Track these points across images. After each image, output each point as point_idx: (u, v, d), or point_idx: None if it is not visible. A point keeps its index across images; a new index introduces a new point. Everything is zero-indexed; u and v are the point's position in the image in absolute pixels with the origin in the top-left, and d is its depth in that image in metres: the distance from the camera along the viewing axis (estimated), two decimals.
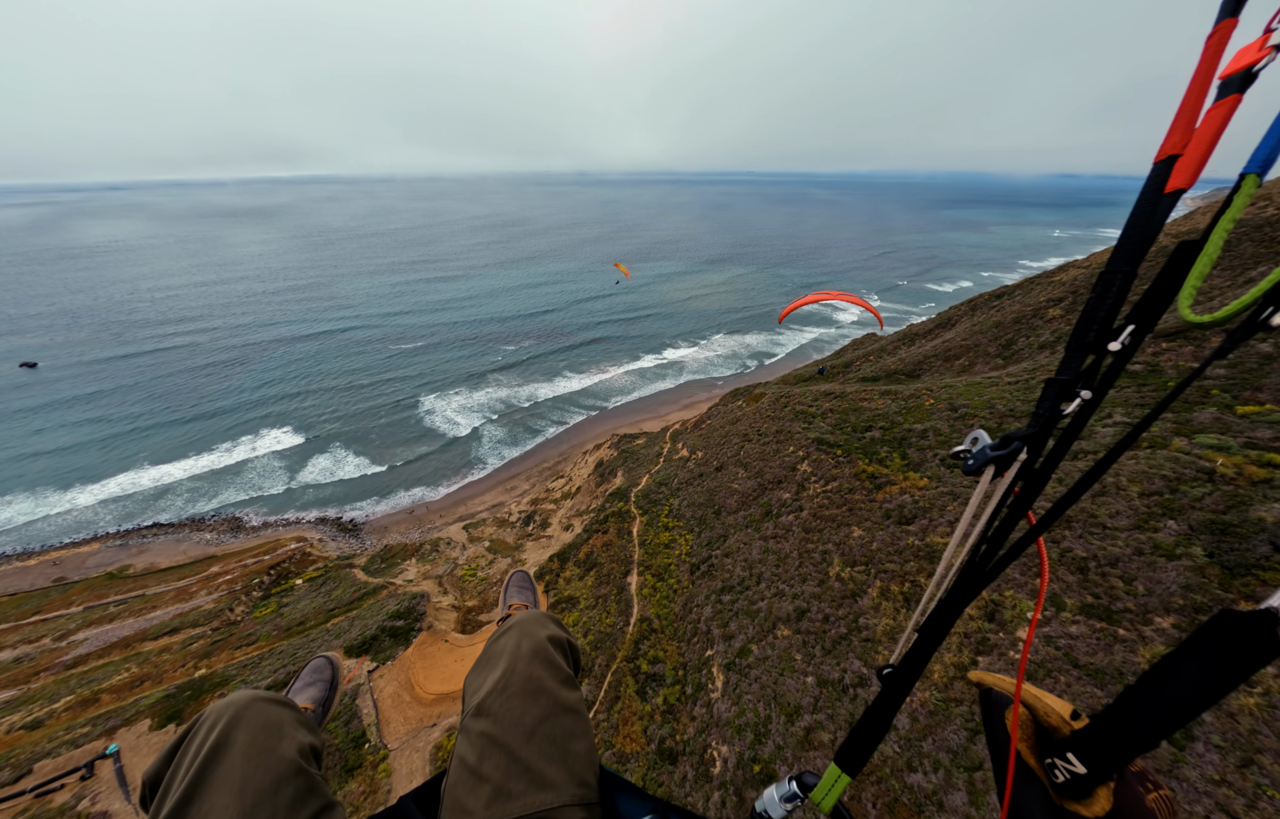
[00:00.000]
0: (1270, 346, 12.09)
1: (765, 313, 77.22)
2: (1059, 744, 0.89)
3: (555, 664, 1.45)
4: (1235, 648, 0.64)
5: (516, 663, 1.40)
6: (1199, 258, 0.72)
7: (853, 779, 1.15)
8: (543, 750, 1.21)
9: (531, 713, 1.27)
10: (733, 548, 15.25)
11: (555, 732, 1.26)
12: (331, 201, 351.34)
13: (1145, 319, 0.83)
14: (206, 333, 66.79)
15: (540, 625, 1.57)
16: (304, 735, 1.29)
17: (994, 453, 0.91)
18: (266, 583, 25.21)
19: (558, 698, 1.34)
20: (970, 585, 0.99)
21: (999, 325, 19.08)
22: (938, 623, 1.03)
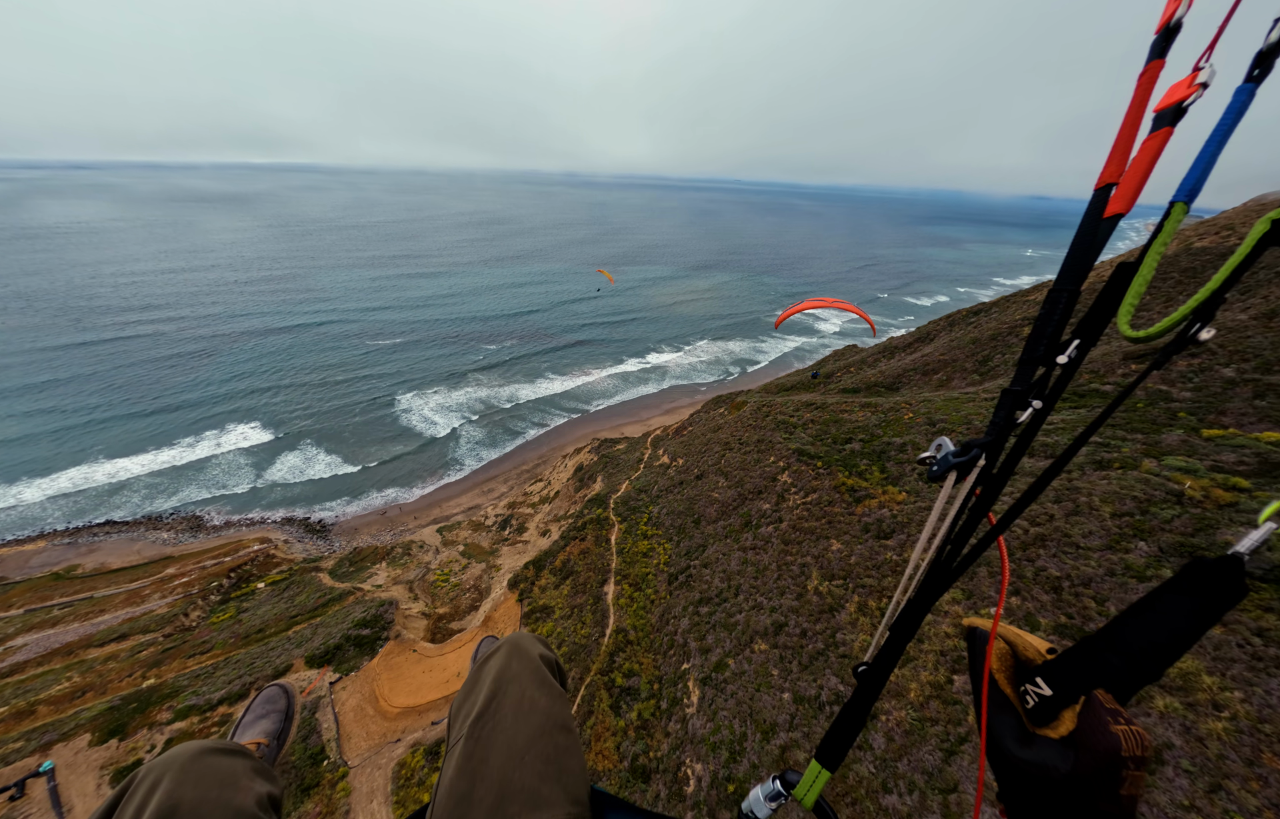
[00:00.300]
0: (1233, 372, 12.47)
1: (749, 320, 77.80)
2: (1032, 672, 0.96)
3: (547, 681, 1.44)
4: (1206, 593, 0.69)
5: (507, 682, 1.38)
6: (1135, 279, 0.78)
7: (832, 774, 1.20)
8: (537, 769, 1.18)
9: (524, 732, 1.25)
10: (712, 558, 15.06)
11: (549, 749, 1.23)
12: (312, 191, 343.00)
13: (1089, 334, 0.88)
14: (173, 322, 64.18)
15: (530, 644, 1.56)
16: (261, 785, 1.21)
17: (956, 459, 0.95)
18: (226, 586, 24.10)
19: (550, 715, 1.33)
20: (937, 584, 1.02)
21: (976, 342, 19.39)
22: (907, 621, 1.06)
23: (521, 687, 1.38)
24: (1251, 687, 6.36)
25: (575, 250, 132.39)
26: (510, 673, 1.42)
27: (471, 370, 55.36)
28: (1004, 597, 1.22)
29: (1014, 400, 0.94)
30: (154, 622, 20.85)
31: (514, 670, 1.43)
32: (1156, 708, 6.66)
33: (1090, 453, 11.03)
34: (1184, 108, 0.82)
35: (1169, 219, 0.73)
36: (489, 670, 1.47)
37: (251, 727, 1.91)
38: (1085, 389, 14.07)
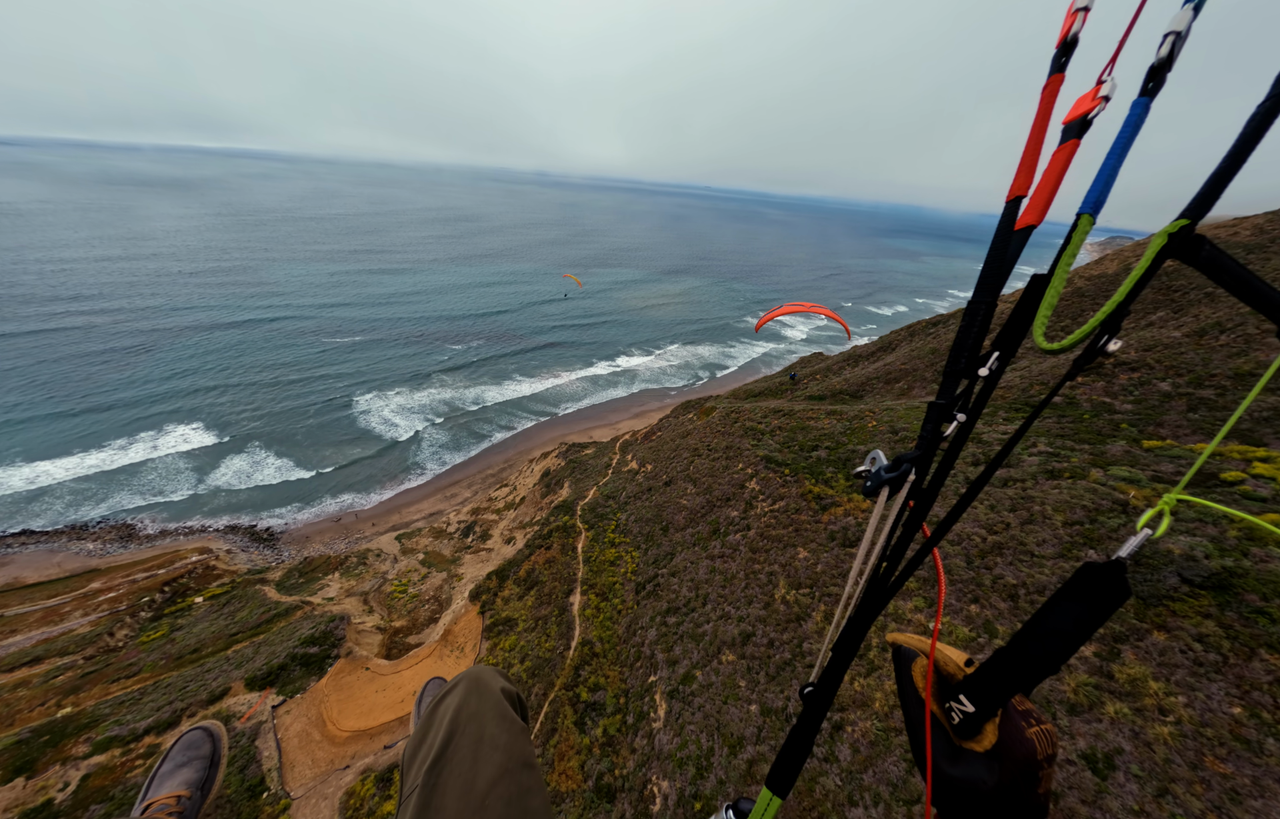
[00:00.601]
0: (1169, 386, 13.23)
1: (719, 326, 78.64)
2: (954, 688, 0.97)
3: (508, 717, 1.38)
4: (1095, 595, 0.75)
5: (465, 721, 1.32)
6: (1047, 290, 0.80)
7: (783, 800, 1.18)
8: (499, 813, 1.13)
9: (484, 775, 1.20)
10: (680, 567, 14.89)
11: (511, 790, 1.19)
12: (266, 179, 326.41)
13: (1007, 346, 0.90)
14: (106, 314, 59.52)
15: (491, 678, 1.50)
16: None
17: (887, 475, 0.96)
18: (159, 601, 22.31)
19: (511, 753, 1.27)
20: (876, 599, 1.03)
21: (935, 352, 20.03)
22: (849, 639, 1.06)
23: (481, 725, 1.32)
24: (1194, 691, 6.60)
25: (546, 251, 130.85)
26: (468, 711, 1.36)
27: (436, 371, 53.67)
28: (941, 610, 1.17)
29: (939, 414, 0.95)
30: (74, 643, 19.03)
31: (472, 708, 1.37)
32: (1108, 714, 6.84)
33: (1042, 462, 11.44)
34: (1089, 120, 0.84)
35: (1076, 231, 0.75)
36: (445, 709, 1.39)
37: (170, 777, 1.73)
38: (1036, 400, 14.67)
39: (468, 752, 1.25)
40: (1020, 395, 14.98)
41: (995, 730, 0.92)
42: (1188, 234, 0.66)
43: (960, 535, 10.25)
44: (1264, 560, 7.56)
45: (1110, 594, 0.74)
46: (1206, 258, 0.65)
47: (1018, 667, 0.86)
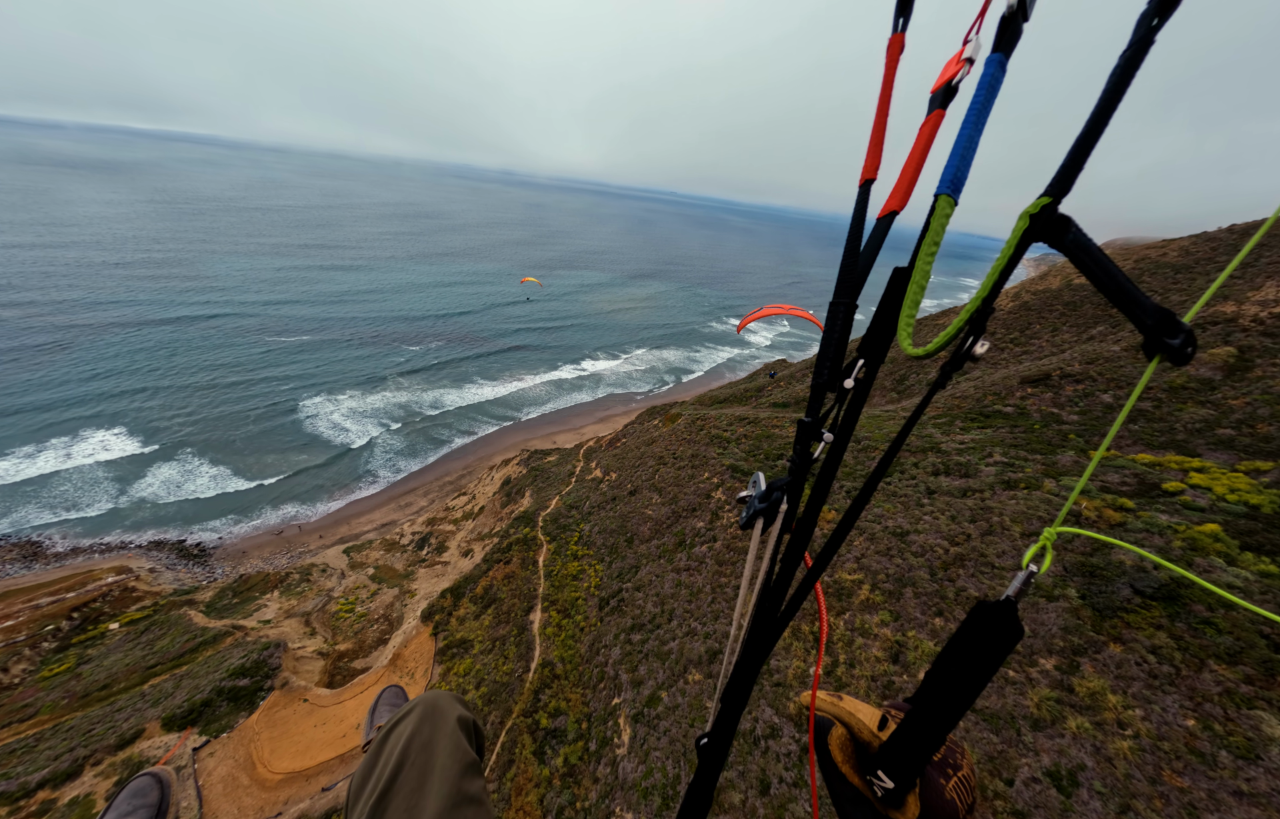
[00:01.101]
0: (1110, 398, 13.89)
1: (685, 331, 79.02)
2: (872, 760, 0.91)
3: (461, 749, 1.31)
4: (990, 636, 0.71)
5: (415, 751, 1.27)
6: (909, 286, 0.72)
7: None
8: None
9: (430, 810, 1.14)
10: (645, 580, 14.44)
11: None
12: (206, 165, 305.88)
13: (873, 352, 0.82)
14: (15, 307, 53.78)
15: (448, 705, 1.42)
16: None
17: (760, 505, 0.91)
18: (65, 630, 19.98)
19: (458, 789, 1.21)
20: (763, 641, 0.97)
21: (893, 362, 20.49)
22: (739, 685, 0.99)
23: (430, 756, 1.27)
24: (1150, 704, 6.68)
25: (511, 251, 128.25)
26: (420, 741, 1.30)
27: (392, 373, 51.29)
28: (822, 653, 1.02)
29: (808, 433, 0.88)
30: None
31: (425, 737, 1.31)
32: (1070, 728, 6.84)
33: (998, 473, 11.69)
34: (954, 86, 0.78)
35: (934, 215, 0.68)
36: (398, 737, 1.33)
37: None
38: (990, 410, 15.13)
39: (415, 785, 1.20)
40: (975, 405, 15.42)
41: (917, 801, 0.86)
42: (1050, 215, 0.58)
43: (923, 547, 10.29)
44: (1208, 570, 7.83)
45: (1004, 634, 0.70)
46: (1072, 242, 0.57)
47: (926, 729, 0.79)
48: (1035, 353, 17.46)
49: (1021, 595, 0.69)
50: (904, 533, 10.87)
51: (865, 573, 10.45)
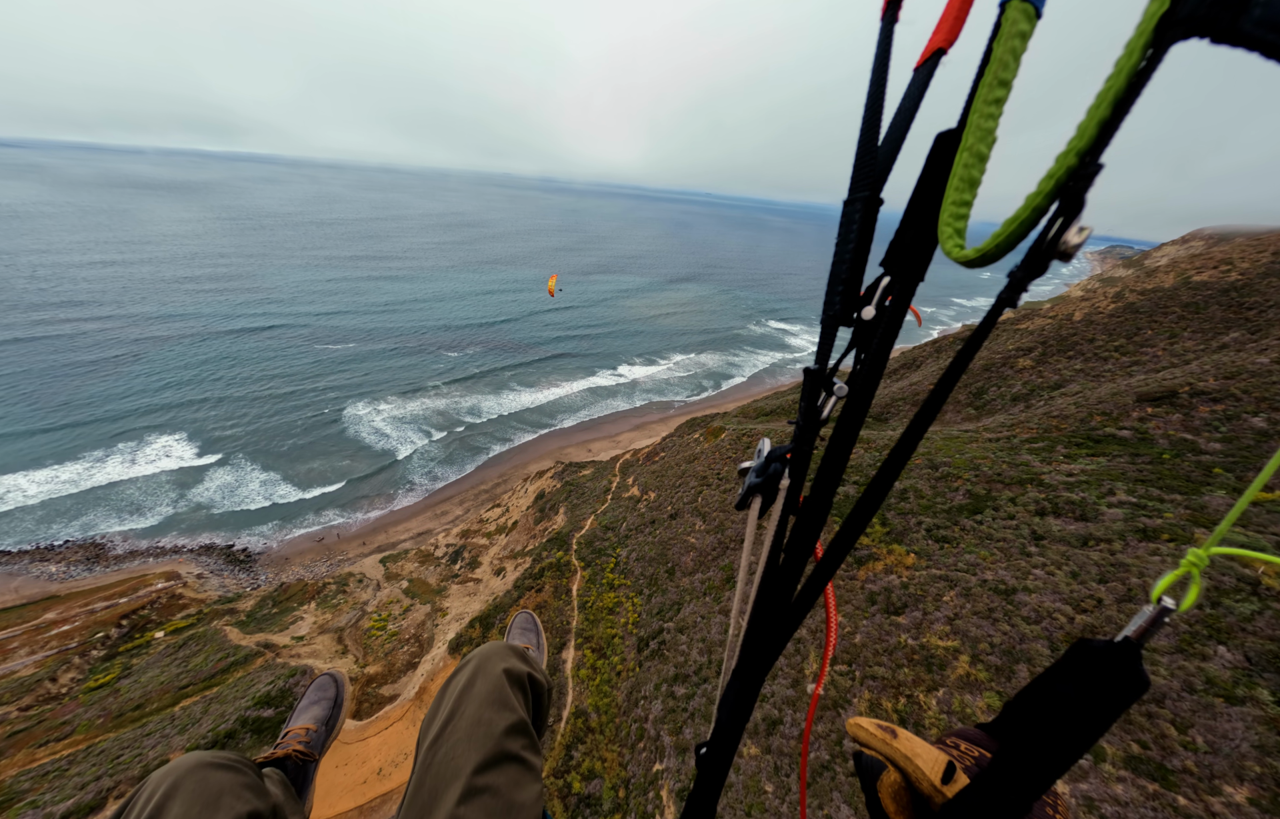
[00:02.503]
0: (1263, 422, 11.29)
1: (725, 335, 76.86)
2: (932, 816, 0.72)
3: (507, 702, 1.33)
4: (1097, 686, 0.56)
5: (466, 702, 1.30)
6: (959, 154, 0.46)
7: None
8: (484, 806, 1.08)
9: (471, 760, 1.15)
10: (689, 621, 12.94)
11: (498, 782, 1.14)
12: (269, 183, 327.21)
13: (904, 265, 0.62)
14: (96, 320, 58.01)
15: (498, 659, 1.43)
16: (244, 804, 1.16)
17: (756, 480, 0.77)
18: (114, 637, 20.40)
19: (499, 745, 1.21)
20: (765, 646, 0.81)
21: (968, 372, 18.13)
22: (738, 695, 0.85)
23: (478, 707, 1.28)
24: None
25: (549, 258, 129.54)
26: (471, 692, 1.32)
27: (431, 380, 51.96)
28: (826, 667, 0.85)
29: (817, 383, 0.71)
30: (12, 689, 17.11)
31: (475, 689, 1.33)
32: None
33: (1128, 517, 9.50)
34: None
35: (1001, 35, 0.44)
36: (454, 687, 1.37)
37: (305, 712, 1.95)
38: (1100, 433, 12.74)
39: (462, 735, 1.21)
40: (1079, 427, 13.05)
41: None
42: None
43: (1038, 612, 8.33)
44: None
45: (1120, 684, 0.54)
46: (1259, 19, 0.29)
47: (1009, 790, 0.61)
48: (1149, 364, 14.78)
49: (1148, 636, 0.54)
50: (1009, 590, 8.92)
51: (962, 640, 8.58)
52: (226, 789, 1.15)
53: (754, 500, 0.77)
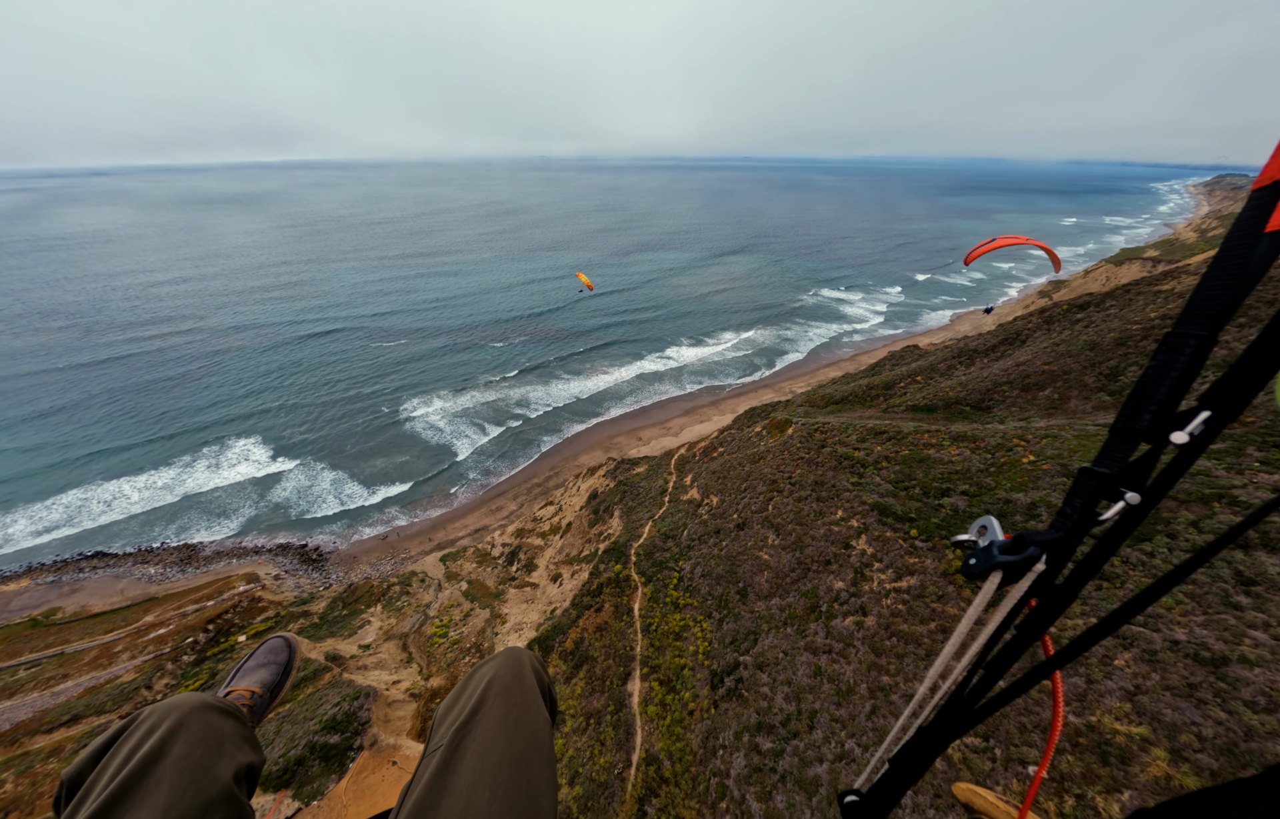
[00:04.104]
0: None
1: (776, 310, 73.03)
2: None
3: (535, 705, 1.34)
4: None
5: (495, 695, 1.31)
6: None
7: None
8: (508, 797, 1.08)
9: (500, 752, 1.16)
10: (768, 655, 11.45)
11: (524, 780, 1.14)
12: (322, 187, 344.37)
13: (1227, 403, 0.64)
14: (179, 335, 62.68)
15: (525, 660, 1.47)
16: (244, 755, 1.20)
17: (1003, 556, 0.75)
18: (202, 642, 21.48)
19: (533, 743, 1.24)
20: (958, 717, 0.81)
21: (1095, 348, 15.14)
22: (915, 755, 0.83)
23: (509, 702, 1.29)
24: None
25: (590, 240, 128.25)
26: (500, 686, 1.33)
27: (482, 374, 52.47)
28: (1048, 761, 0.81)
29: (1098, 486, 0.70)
30: (113, 696, 18.25)
31: (504, 683, 1.34)
32: None
33: None
34: None
35: None
36: (480, 677, 1.38)
37: (251, 673, 1.88)
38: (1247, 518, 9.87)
39: (491, 727, 1.22)
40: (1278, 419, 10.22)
41: None
42: None
43: (1266, 694, 6.21)
44: None
45: None
46: None
47: None
48: None
49: None
50: (1217, 659, 6.77)
51: (1153, 725, 6.57)
52: (228, 736, 1.16)
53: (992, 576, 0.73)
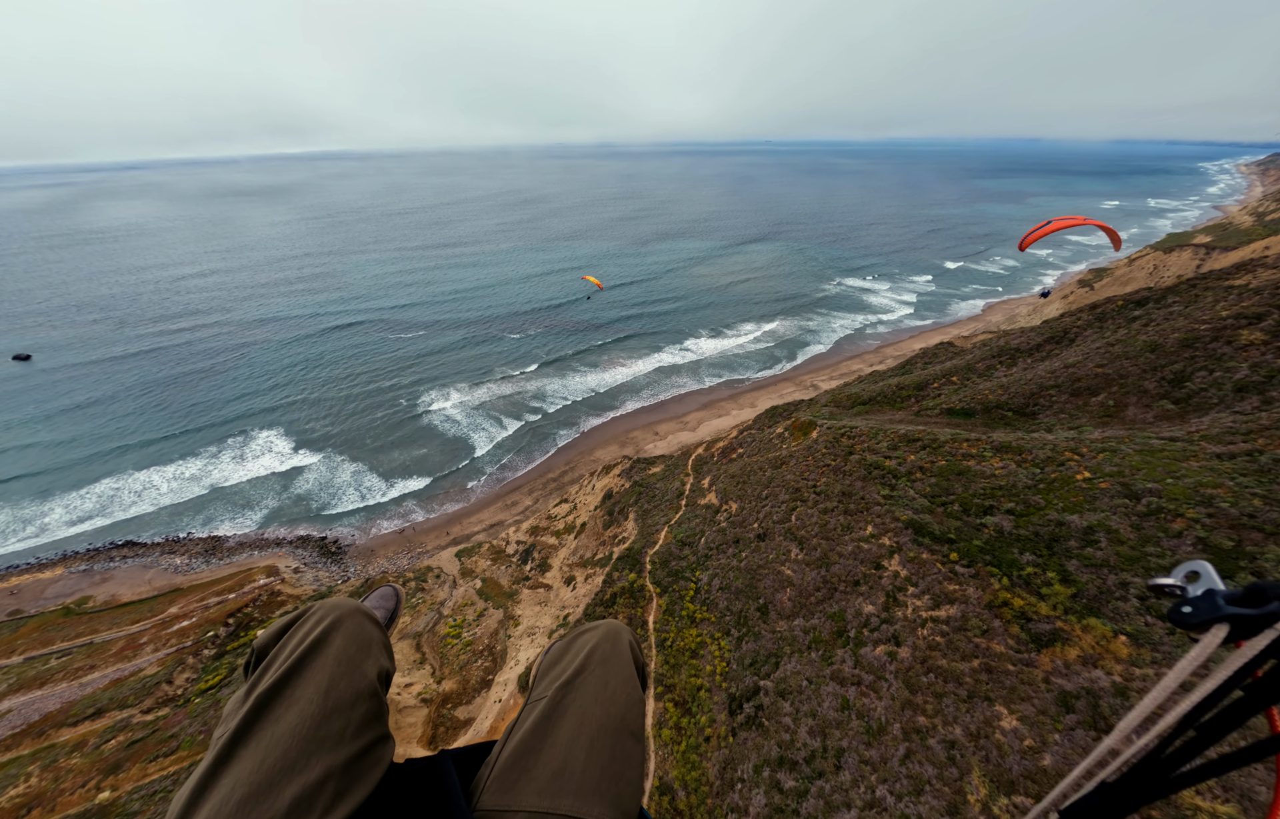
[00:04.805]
0: None
1: (797, 300, 71.08)
2: None
3: (632, 681, 1.41)
4: None
5: (595, 664, 1.37)
6: None
7: None
8: (600, 764, 1.15)
9: (597, 721, 1.23)
10: (791, 682, 10.71)
11: (616, 749, 1.20)
12: (344, 178, 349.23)
13: None
14: (207, 328, 64.05)
15: (624, 636, 1.54)
16: (385, 661, 1.29)
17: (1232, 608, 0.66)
18: (222, 636, 21.72)
19: (626, 716, 1.30)
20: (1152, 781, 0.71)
21: (1156, 349, 13.75)
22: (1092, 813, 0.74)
23: (608, 671, 1.36)
24: None
25: (608, 229, 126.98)
26: (600, 655, 1.40)
27: (499, 367, 52.31)
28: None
29: None
30: (135, 690, 18.53)
31: (604, 653, 1.41)
32: None
33: None
34: None
35: None
36: (583, 643, 1.45)
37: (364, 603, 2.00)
38: None
39: (591, 692, 1.28)
40: None
41: None
42: None
43: None
44: None
45: None
46: None
47: None
48: None
49: None
50: None
51: None
52: (375, 641, 1.27)
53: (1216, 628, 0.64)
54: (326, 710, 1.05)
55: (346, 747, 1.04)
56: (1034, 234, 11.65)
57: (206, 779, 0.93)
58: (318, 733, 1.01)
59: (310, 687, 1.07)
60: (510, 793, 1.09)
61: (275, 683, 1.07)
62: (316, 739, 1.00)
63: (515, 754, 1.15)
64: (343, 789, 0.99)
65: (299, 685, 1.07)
